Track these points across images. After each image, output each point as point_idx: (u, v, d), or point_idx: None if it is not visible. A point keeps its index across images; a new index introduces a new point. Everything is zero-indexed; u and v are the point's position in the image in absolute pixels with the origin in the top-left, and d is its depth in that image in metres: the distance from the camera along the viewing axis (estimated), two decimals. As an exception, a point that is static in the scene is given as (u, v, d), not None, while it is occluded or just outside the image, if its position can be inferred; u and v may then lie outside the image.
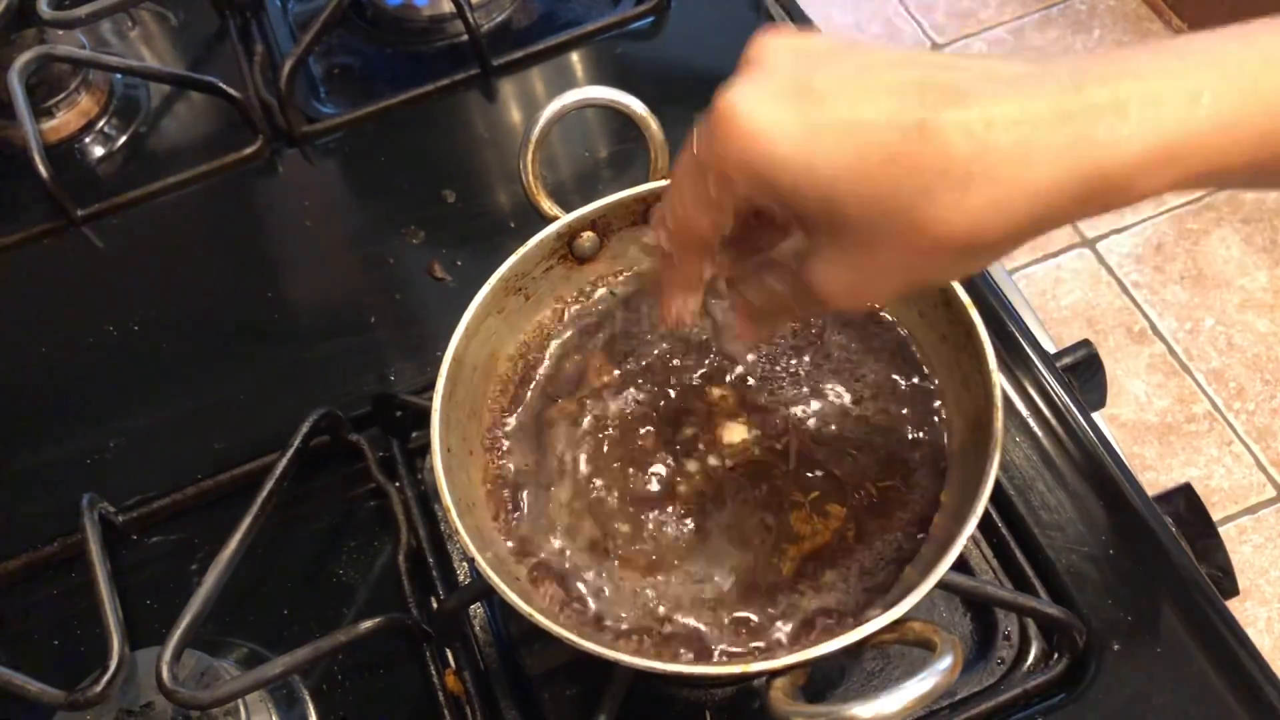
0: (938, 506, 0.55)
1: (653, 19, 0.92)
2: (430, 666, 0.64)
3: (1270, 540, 1.56)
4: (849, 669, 0.61)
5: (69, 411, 0.78)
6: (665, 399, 0.60)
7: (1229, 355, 1.72)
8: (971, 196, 0.35)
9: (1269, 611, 1.50)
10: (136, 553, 0.71)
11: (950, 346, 0.58)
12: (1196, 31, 0.36)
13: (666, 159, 0.62)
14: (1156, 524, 0.64)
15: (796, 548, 0.55)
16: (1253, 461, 1.62)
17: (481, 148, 0.91)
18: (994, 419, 0.52)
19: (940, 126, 0.35)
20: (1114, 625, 0.61)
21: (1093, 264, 1.82)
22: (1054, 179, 0.35)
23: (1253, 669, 0.59)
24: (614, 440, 0.59)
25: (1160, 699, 0.59)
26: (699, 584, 0.54)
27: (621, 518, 0.57)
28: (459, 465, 0.57)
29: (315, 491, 0.71)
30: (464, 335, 0.58)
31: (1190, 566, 0.62)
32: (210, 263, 0.85)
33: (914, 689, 0.44)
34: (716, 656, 0.52)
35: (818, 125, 0.37)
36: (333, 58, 0.96)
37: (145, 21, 1.01)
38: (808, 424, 0.59)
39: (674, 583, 0.55)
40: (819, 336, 0.61)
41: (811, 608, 0.53)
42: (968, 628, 0.63)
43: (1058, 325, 1.77)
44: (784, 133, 0.37)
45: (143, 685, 0.61)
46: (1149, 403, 1.69)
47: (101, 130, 0.93)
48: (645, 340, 0.62)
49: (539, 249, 0.61)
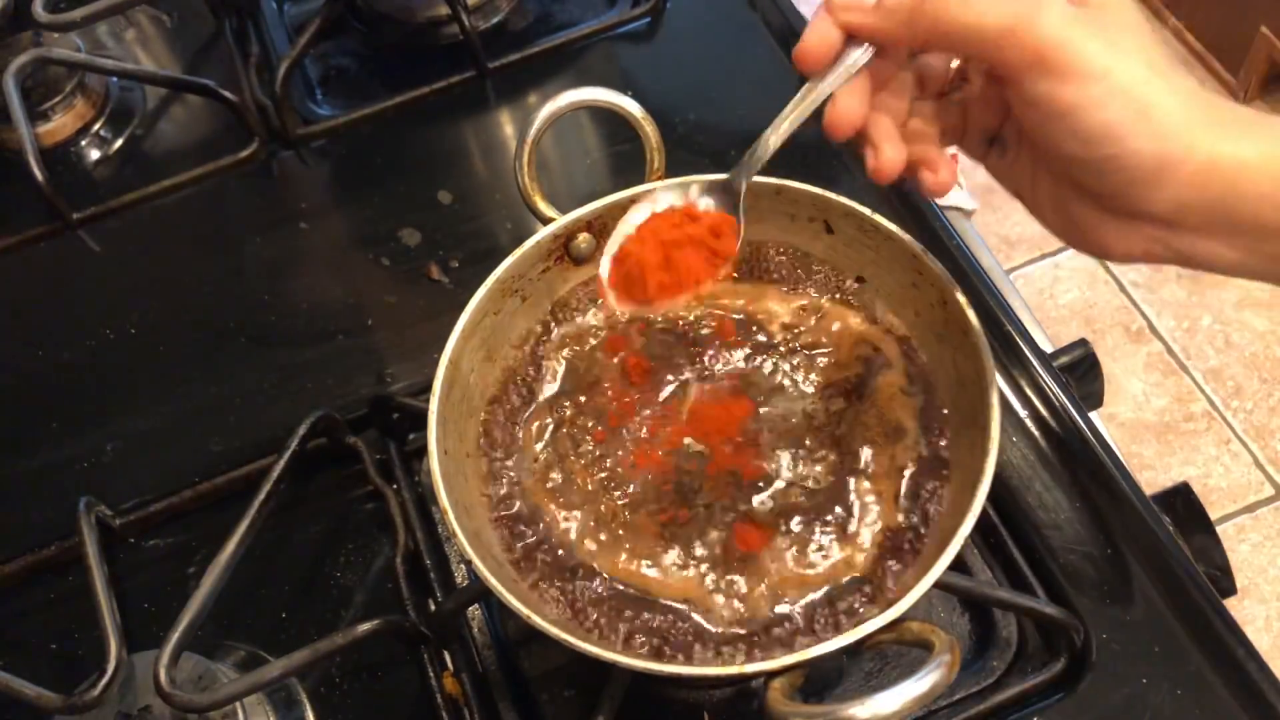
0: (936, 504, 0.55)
1: (649, 20, 0.92)
2: (428, 669, 0.64)
3: (1268, 539, 1.56)
4: (847, 669, 0.61)
5: (66, 415, 0.78)
6: (665, 399, 0.60)
7: (1227, 354, 1.72)
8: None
9: (1267, 610, 1.50)
10: (134, 556, 0.71)
11: (948, 346, 0.58)
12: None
13: (662, 160, 0.62)
14: (1154, 523, 0.64)
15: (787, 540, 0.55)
16: (1250, 460, 1.63)
17: (477, 150, 0.91)
18: (991, 419, 0.52)
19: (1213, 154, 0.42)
20: (1112, 625, 0.61)
21: (1090, 263, 1.82)
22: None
23: (1251, 668, 0.59)
24: (614, 441, 0.59)
25: (1158, 698, 0.59)
26: (698, 584, 0.55)
27: (621, 518, 0.57)
28: (456, 467, 0.57)
29: (312, 494, 0.71)
30: (461, 337, 0.58)
31: (1188, 565, 0.62)
32: (207, 265, 0.85)
33: (912, 689, 0.44)
34: (714, 657, 0.52)
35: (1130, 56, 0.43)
36: (328, 60, 0.96)
37: (141, 24, 1.01)
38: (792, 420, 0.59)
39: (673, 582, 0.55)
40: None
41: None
42: (965, 628, 0.63)
43: (1055, 324, 1.77)
44: (1089, 34, 0.42)
45: (140, 688, 0.61)
46: (1147, 402, 1.69)
47: (97, 133, 0.93)
48: (645, 341, 0.62)
49: (535, 251, 0.61)
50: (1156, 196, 0.44)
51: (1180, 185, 0.43)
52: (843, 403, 0.59)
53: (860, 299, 0.62)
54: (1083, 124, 0.43)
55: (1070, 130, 0.43)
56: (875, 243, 0.60)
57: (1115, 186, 0.44)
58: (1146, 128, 0.42)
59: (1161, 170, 0.43)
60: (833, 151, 0.83)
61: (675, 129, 0.83)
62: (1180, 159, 0.42)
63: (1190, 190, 0.43)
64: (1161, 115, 0.42)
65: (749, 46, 0.90)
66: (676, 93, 0.87)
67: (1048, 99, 0.43)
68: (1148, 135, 0.42)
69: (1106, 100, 0.42)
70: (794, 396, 0.60)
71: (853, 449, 0.58)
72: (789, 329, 0.62)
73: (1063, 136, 0.44)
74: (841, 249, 0.62)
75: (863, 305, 0.62)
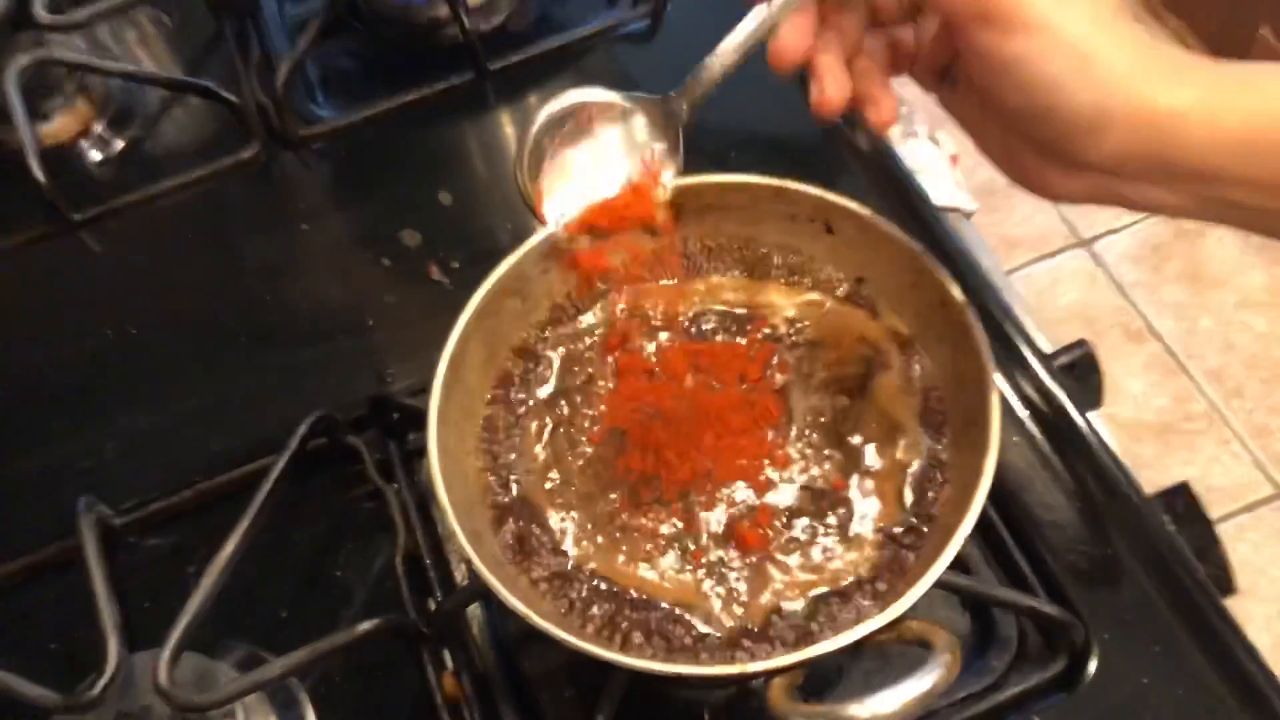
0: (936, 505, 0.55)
1: (649, 22, 0.92)
2: (428, 668, 0.64)
3: (1268, 538, 1.56)
4: (847, 668, 0.61)
5: (66, 414, 0.78)
6: (665, 399, 0.60)
7: (1226, 354, 1.72)
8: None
9: (1267, 610, 1.50)
10: (134, 555, 0.71)
11: (947, 346, 0.58)
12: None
13: (662, 160, 0.62)
14: (1154, 523, 0.64)
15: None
16: (1250, 460, 1.63)
17: (478, 150, 0.91)
18: (991, 419, 0.52)
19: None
20: (1112, 624, 0.61)
21: (1089, 264, 1.82)
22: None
23: (1251, 667, 0.59)
24: (612, 443, 0.59)
25: (1158, 698, 0.59)
26: (698, 586, 0.55)
27: (621, 519, 0.57)
28: (456, 467, 0.57)
29: (312, 494, 0.71)
30: (460, 337, 0.58)
31: (1188, 565, 0.62)
32: (207, 266, 0.85)
33: (912, 688, 0.44)
34: (714, 657, 0.52)
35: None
36: (329, 61, 0.96)
37: (142, 25, 1.01)
38: (805, 424, 0.59)
39: (672, 583, 0.55)
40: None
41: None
42: (966, 627, 0.63)
43: (1054, 325, 1.76)
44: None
45: (140, 688, 0.61)
46: (1146, 402, 1.69)
47: (98, 134, 0.93)
48: (645, 340, 0.62)
49: (535, 251, 0.61)
50: (1096, 146, 0.44)
51: (1119, 135, 0.43)
52: (846, 400, 0.59)
53: (860, 299, 0.62)
54: (1024, 75, 0.43)
55: (1013, 81, 0.44)
56: (875, 243, 0.60)
57: (1056, 136, 0.45)
58: (1086, 80, 0.43)
59: (1100, 121, 0.43)
60: (833, 152, 0.83)
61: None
62: (1119, 110, 0.43)
63: (1129, 140, 0.43)
64: (1102, 67, 0.43)
65: (749, 47, 0.90)
66: (676, 93, 0.87)
67: (991, 50, 0.44)
68: (1088, 87, 0.43)
69: (1049, 52, 0.43)
70: (796, 395, 0.60)
71: (854, 448, 0.58)
72: (793, 323, 0.62)
73: (1006, 87, 0.45)
74: (842, 249, 0.62)
75: (863, 305, 0.62)
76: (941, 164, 1.14)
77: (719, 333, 0.62)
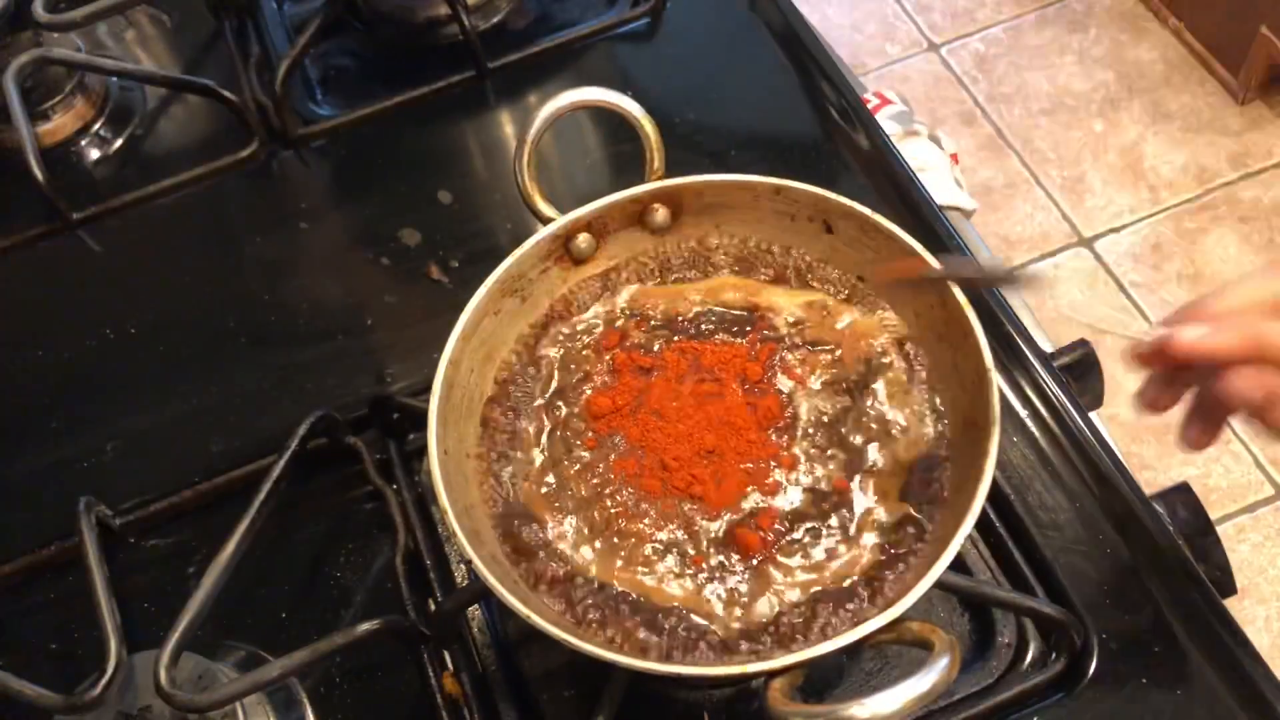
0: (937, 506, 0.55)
1: (649, 20, 0.92)
2: (428, 669, 0.63)
3: (1268, 539, 1.56)
4: (847, 669, 0.61)
5: (66, 415, 0.78)
6: (665, 399, 0.60)
7: (1226, 354, 1.71)
8: None
9: (1267, 610, 1.50)
10: (134, 556, 0.71)
11: (947, 346, 0.58)
12: None
13: (662, 160, 0.62)
14: (1154, 523, 0.64)
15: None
16: (1251, 460, 1.62)
17: (477, 149, 0.91)
18: (991, 419, 0.52)
19: None
20: (1111, 625, 0.61)
21: (1090, 263, 1.82)
22: None
23: (1251, 668, 0.59)
24: (613, 443, 0.59)
25: (1158, 698, 0.59)
26: (698, 588, 0.54)
27: (616, 525, 0.57)
28: (456, 467, 0.57)
29: (312, 494, 0.71)
30: (460, 337, 0.58)
31: (1188, 565, 0.62)
32: (206, 265, 0.85)
33: (912, 688, 0.44)
34: (714, 657, 0.52)
35: None
36: (328, 60, 0.96)
37: (141, 24, 1.01)
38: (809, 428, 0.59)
39: (671, 585, 0.55)
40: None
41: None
42: (965, 627, 0.63)
43: (1055, 325, 1.77)
44: None
45: (140, 688, 0.61)
46: (1147, 402, 1.69)
47: (97, 133, 0.93)
48: (645, 340, 0.62)
49: (535, 250, 0.61)
50: None
51: None
52: (847, 400, 0.59)
53: (860, 299, 0.62)
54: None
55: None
56: (875, 243, 0.60)
57: None
58: None
59: None
60: (833, 151, 0.83)
61: (675, 129, 0.83)
62: None
63: None
64: None
65: (749, 46, 0.90)
66: (676, 93, 0.87)
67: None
68: None
69: None
70: (798, 394, 0.60)
71: (855, 448, 0.58)
72: (793, 323, 0.62)
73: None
74: (842, 249, 0.62)
75: (863, 305, 0.62)
76: (942, 163, 1.14)
77: (719, 333, 0.62)
